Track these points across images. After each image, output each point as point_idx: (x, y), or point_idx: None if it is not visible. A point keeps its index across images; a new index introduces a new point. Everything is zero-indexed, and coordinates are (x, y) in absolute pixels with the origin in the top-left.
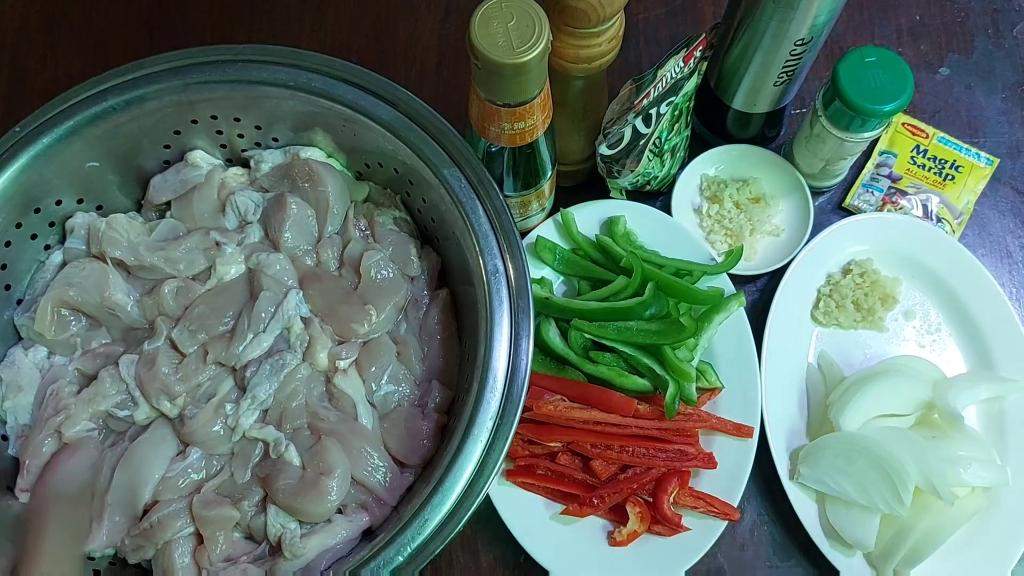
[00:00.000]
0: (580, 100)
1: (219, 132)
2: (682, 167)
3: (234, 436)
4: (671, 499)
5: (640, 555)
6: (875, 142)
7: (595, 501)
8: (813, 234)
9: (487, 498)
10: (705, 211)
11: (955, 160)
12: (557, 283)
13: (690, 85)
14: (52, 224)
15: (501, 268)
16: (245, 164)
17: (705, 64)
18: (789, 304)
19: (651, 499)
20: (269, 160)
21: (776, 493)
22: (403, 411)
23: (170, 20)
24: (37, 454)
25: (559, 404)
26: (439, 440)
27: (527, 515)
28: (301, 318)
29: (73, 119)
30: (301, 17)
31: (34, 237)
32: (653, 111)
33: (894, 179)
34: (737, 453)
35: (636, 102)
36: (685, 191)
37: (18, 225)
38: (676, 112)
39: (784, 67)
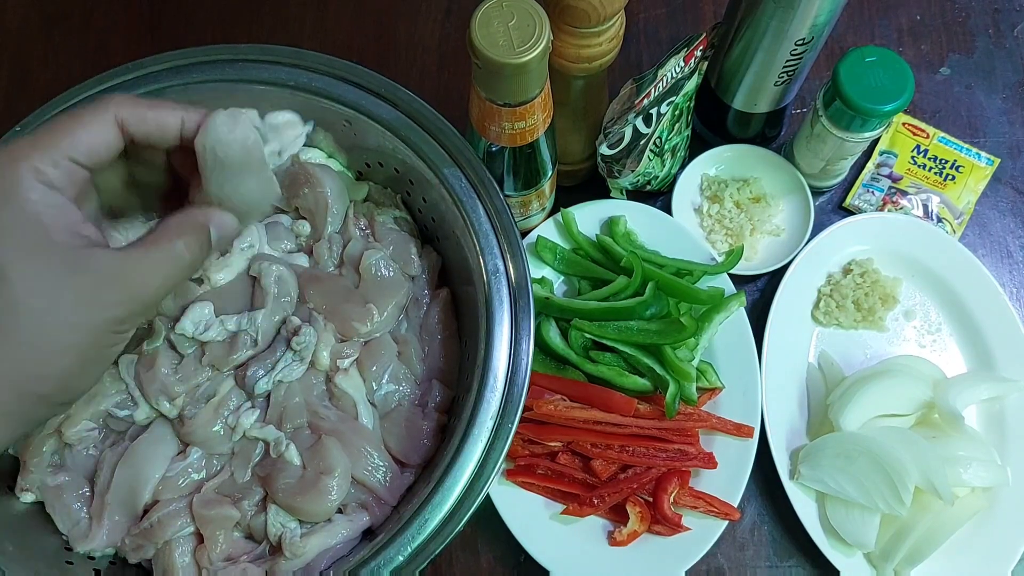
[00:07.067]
0: (580, 100)
1: None
2: (682, 167)
3: (234, 436)
4: (671, 499)
5: (640, 555)
6: (875, 142)
7: (595, 501)
8: (813, 234)
9: (487, 498)
10: (705, 211)
11: (955, 160)
12: (557, 283)
13: (690, 85)
14: None
15: (501, 268)
16: None
17: (705, 64)
18: (789, 304)
19: (651, 499)
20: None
21: (776, 493)
22: (403, 411)
23: (170, 20)
24: (37, 453)
25: (559, 404)
26: (439, 440)
27: (527, 515)
28: (306, 320)
29: None
30: (302, 17)
31: None
32: (653, 111)
33: (894, 179)
34: (737, 453)
35: (636, 102)
36: (685, 191)
37: None
38: (676, 112)
39: (784, 67)
